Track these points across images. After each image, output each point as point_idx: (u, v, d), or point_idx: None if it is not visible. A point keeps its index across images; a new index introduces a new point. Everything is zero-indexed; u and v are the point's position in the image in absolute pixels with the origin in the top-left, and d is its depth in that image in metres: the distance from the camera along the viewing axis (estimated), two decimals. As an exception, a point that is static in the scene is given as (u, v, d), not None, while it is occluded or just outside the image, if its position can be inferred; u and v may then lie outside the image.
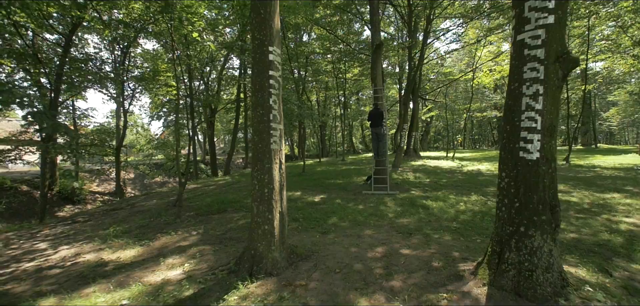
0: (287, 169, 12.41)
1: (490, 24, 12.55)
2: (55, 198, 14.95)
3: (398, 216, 4.87)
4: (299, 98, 20.15)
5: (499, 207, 2.32)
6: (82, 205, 15.09)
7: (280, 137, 3.00)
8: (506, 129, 2.26)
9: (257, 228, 2.84)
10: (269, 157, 2.86)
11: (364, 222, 4.62)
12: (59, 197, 14.97)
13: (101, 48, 13.54)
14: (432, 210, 5.12)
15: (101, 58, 13.22)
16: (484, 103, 25.47)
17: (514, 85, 2.23)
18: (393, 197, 6.32)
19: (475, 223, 4.30)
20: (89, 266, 3.47)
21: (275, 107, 2.95)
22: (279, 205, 2.92)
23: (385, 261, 3.05)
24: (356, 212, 5.20)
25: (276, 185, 2.89)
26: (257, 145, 2.90)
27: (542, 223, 2.07)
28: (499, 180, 2.32)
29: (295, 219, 4.97)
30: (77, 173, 15.36)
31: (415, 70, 13.23)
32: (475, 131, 43.15)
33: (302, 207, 5.82)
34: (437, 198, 5.90)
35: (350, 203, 5.94)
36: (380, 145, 7.62)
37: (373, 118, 7.53)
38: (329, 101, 28.39)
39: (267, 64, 2.92)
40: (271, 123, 2.90)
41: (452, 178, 8.80)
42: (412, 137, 16.03)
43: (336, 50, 17.19)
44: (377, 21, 8.57)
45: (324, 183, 8.67)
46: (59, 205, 14.62)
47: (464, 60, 25.15)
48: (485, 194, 6.34)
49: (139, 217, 6.10)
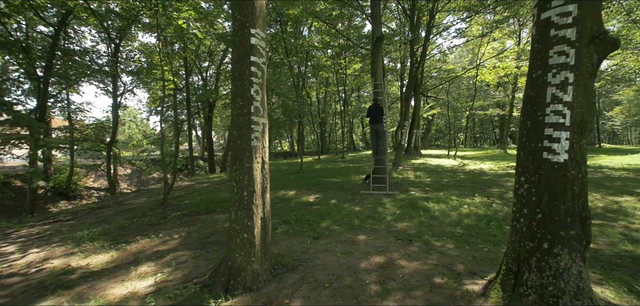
0: (284, 167, 12.05)
1: (496, 17, 12.09)
2: (50, 193, 14.67)
3: (397, 219, 4.52)
4: (299, 95, 19.77)
5: (515, 218, 1.95)
6: (77, 201, 14.81)
7: (262, 132, 2.64)
8: (526, 125, 1.89)
9: (235, 237, 2.49)
10: (249, 155, 2.50)
11: (359, 225, 4.27)
12: (53, 193, 14.70)
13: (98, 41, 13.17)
14: (433, 213, 4.76)
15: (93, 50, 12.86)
16: (487, 101, 25.01)
17: (536, 73, 1.86)
18: (392, 198, 5.97)
19: (480, 229, 3.94)
20: (54, 274, 3.13)
21: (257, 98, 2.58)
22: (260, 210, 2.56)
23: (381, 275, 2.70)
24: (352, 214, 4.84)
25: (257, 188, 2.53)
26: (235, 142, 2.54)
27: (570, 239, 1.70)
28: (517, 185, 1.96)
29: (287, 221, 4.62)
30: (71, 169, 15.03)
31: (418, 66, 12.81)
32: (477, 129, 42.71)
33: (295, 207, 5.47)
34: (439, 200, 5.54)
35: (346, 204, 5.59)
36: (379, 143, 7.24)
37: (372, 114, 7.15)
38: (329, 97, 27.98)
39: (248, 48, 2.55)
40: (252, 116, 2.53)
41: (454, 178, 8.44)
42: (413, 135, 15.65)
43: (336, 46, 16.76)
44: (378, 12, 8.17)
45: (320, 181, 8.32)
46: (53, 200, 14.34)
47: (467, 57, 24.66)
48: (489, 195, 5.97)
49: (123, 216, 5.77)
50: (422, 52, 13.16)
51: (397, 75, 22.51)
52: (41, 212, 11.99)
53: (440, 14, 14.93)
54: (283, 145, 36.32)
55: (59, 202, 14.06)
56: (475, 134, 42.62)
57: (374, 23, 8.20)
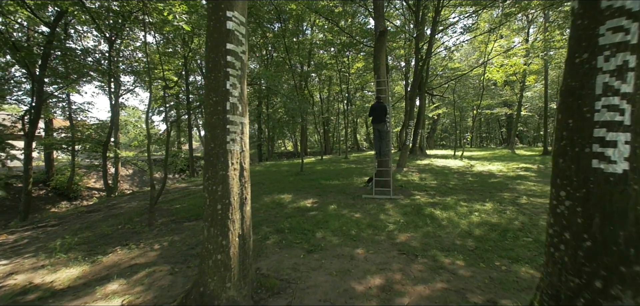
0: (284, 167, 11.63)
1: (505, 10, 11.55)
2: (51, 194, 14.54)
3: (400, 229, 4.09)
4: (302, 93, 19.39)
5: (552, 243, 1.53)
6: (78, 201, 14.66)
7: (241, 133, 2.25)
8: (567, 125, 1.47)
9: (207, 258, 2.10)
10: (223, 161, 2.11)
11: (359, 236, 3.85)
12: (54, 193, 14.57)
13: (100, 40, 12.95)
14: (440, 222, 4.32)
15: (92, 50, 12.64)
16: (494, 100, 24.33)
17: (580, 58, 1.43)
18: (395, 203, 5.54)
19: (494, 242, 3.50)
20: (11, 293, 2.78)
21: (234, 93, 2.19)
22: (237, 225, 2.17)
23: (381, 301, 2.29)
24: (352, 222, 4.43)
25: (234, 199, 2.14)
26: (208, 145, 2.15)
27: (634, 278, 1.28)
28: (554, 202, 1.53)
29: (280, 230, 4.23)
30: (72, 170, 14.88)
31: (423, 63, 12.33)
32: (483, 129, 41.88)
33: (290, 213, 5.08)
34: (446, 206, 5.09)
35: (346, 210, 5.18)
36: (382, 144, 6.82)
37: (375, 113, 6.72)
38: (332, 97, 27.56)
39: (223, 34, 2.16)
40: (228, 114, 2.14)
41: (461, 181, 7.97)
42: (418, 135, 15.15)
43: (338, 43, 16.33)
44: (381, 5, 7.73)
45: (320, 184, 7.92)
46: (53, 201, 14.22)
47: (474, 55, 24.02)
48: (501, 201, 5.51)
49: (109, 222, 5.44)
50: (427, 50, 12.68)
51: (401, 74, 21.99)
52: (40, 213, 11.82)
53: (446, 9, 14.43)
54: (287, 145, 35.98)
55: (59, 203, 13.94)
56: (481, 134, 41.81)
57: (376, 17, 7.77)
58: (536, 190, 6.54)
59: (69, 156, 15.67)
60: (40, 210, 12.87)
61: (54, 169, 15.29)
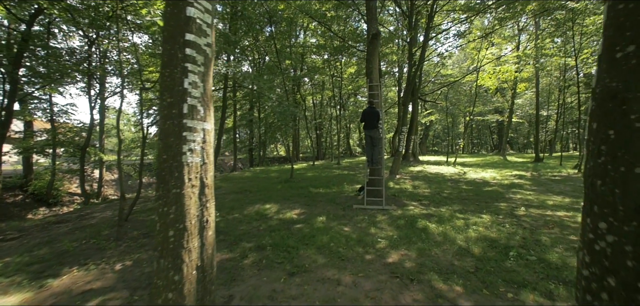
0: (274, 174, 11.19)
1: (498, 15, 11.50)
2: (28, 200, 13.74)
3: (393, 245, 3.74)
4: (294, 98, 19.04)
5: (590, 290, 1.19)
6: (57, 208, 13.89)
7: (203, 141, 1.86)
8: (606, 137, 1.14)
9: (156, 296, 1.70)
10: (178, 177, 1.72)
11: (347, 255, 3.48)
12: (32, 199, 13.78)
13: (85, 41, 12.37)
14: (436, 238, 3.99)
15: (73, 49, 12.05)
16: (486, 107, 24.48)
17: (624, 50, 1.11)
18: (388, 214, 5.20)
19: (496, 262, 3.18)
20: None
21: (194, 94, 1.81)
22: (195, 255, 1.77)
23: (372, 343, 1.92)
24: (340, 237, 4.06)
25: (190, 224, 1.75)
26: (160, 156, 1.76)
27: None
28: (590, 235, 1.20)
29: (261, 247, 3.83)
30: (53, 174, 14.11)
31: (416, 69, 12.16)
32: (474, 135, 42.29)
33: (275, 226, 4.68)
34: (441, 219, 4.78)
35: (334, 222, 4.81)
36: (374, 151, 6.49)
37: (367, 119, 6.40)
38: (325, 102, 27.30)
39: (182, 22, 1.79)
40: (185, 119, 1.76)
41: (455, 189, 7.71)
42: (411, 141, 14.95)
43: (330, 47, 16.11)
44: (373, 7, 7.47)
45: (310, 192, 7.53)
46: (32, 207, 13.41)
47: (466, 62, 24.18)
48: (497, 212, 5.24)
49: (75, 235, 4.93)
50: (420, 56, 12.53)
51: (394, 80, 21.92)
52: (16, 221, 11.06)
53: (438, 16, 14.36)
54: (279, 150, 35.48)
55: (37, 210, 13.16)
56: (473, 140, 42.19)
57: (369, 19, 7.51)
58: (533, 199, 6.31)
59: (48, 160, 14.95)
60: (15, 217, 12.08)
61: (34, 174, 14.51)
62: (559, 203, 5.85)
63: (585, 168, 1.26)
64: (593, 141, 1.21)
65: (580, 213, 4.65)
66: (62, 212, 12.69)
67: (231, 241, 4.15)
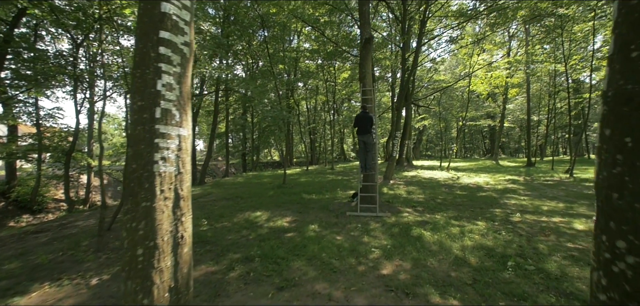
0: (266, 179, 10.97)
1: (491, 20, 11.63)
2: (11, 207, 13.22)
3: (387, 255, 3.60)
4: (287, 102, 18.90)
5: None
6: (42, 215, 13.39)
7: (178, 149, 1.69)
8: (622, 145, 1.02)
9: (122, 322, 1.51)
10: (149, 188, 1.55)
11: (339, 267, 3.32)
12: (15, 206, 13.26)
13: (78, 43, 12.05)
14: (431, 247, 3.86)
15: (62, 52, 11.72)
16: (479, 112, 24.74)
17: (635, 41, 1.00)
18: (382, 221, 5.07)
19: (494, 273, 3.06)
20: None
21: (168, 96, 1.65)
22: (168, 276, 1.59)
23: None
24: (333, 247, 3.90)
25: (162, 241, 1.57)
26: (129, 165, 1.58)
27: None
28: (606, 254, 1.07)
29: (249, 258, 3.64)
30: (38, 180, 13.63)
31: (409, 74, 12.18)
32: (467, 140, 42.75)
33: (265, 236, 4.49)
34: (436, 226, 4.66)
35: (327, 231, 4.64)
36: (368, 157, 6.37)
37: (360, 124, 6.29)
38: (319, 107, 27.24)
39: (156, 18, 1.63)
40: (157, 124, 1.59)
41: (449, 195, 7.64)
42: (404, 146, 14.93)
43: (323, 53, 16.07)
44: (366, 12, 7.42)
45: (302, 199, 7.36)
46: (14, 215, 12.89)
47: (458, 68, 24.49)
48: (493, 219, 5.15)
49: (52, 246, 4.66)
50: (413, 61, 12.56)
51: (388, 85, 22.00)
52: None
53: (431, 21, 14.47)
54: (273, 154, 35.18)
55: (21, 217, 12.65)
56: (465, 144, 42.63)
57: (362, 24, 7.44)
58: (527, 205, 6.26)
59: (33, 166, 14.45)
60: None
61: (17, 180, 14.01)
62: (553, 209, 5.81)
63: (598, 179, 1.14)
64: (606, 149, 1.09)
65: (575, 220, 4.59)
66: (47, 219, 12.23)
67: (218, 252, 3.95)
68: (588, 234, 4.20)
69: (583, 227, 4.53)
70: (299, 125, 23.37)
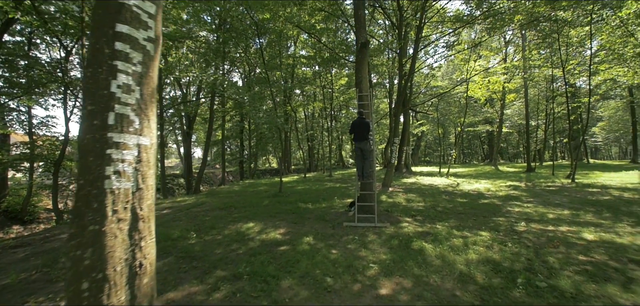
0: (263, 188, 10.66)
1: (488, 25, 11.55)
2: (1, 217, 12.86)
3: (386, 271, 3.33)
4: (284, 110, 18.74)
5: None
6: (33, 225, 13.02)
7: (138, 161, 1.44)
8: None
9: None
10: (98, 209, 1.29)
11: (334, 286, 3.04)
12: (5, 217, 12.89)
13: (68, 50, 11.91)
14: (433, 261, 3.60)
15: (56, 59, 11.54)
16: (477, 117, 24.66)
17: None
18: (380, 233, 4.80)
19: (503, 291, 2.80)
20: None
21: (126, 100, 1.40)
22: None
23: None
24: (327, 262, 3.62)
25: (113, 272, 1.31)
26: (77, 181, 1.33)
27: None
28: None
29: (237, 276, 3.36)
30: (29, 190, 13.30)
31: (406, 80, 12.05)
32: (465, 145, 42.70)
33: (255, 250, 4.21)
34: (438, 238, 4.40)
35: (322, 244, 4.37)
36: (365, 164, 6.13)
37: (357, 130, 6.06)
38: (317, 114, 27.10)
39: (113, 8, 1.40)
40: (110, 132, 1.35)
41: (450, 202, 7.38)
42: (403, 152, 14.71)
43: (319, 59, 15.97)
44: (362, 16, 7.27)
45: (298, 208, 7.08)
46: (4, 225, 12.52)
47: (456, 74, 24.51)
48: (497, 228, 4.90)
49: (30, 262, 4.35)
50: (410, 67, 12.45)
51: (386, 92, 21.90)
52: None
53: (428, 27, 14.41)
54: (271, 162, 34.86)
55: (10, 228, 12.28)
56: (464, 150, 42.57)
57: (358, 28, 7.29)
58: (531, 213, 6.02)
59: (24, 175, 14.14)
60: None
61: (8, 189, 13.68)
62: (559, 217, 5.57)
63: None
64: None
65: (584, 229, 4.32)
66: (39, 229, 11.86)
67: (204, 268, 3.66)
68: (600, 245, 3.95)
69: (593, 236, 4.28)
70: (296, 132, 23.16)
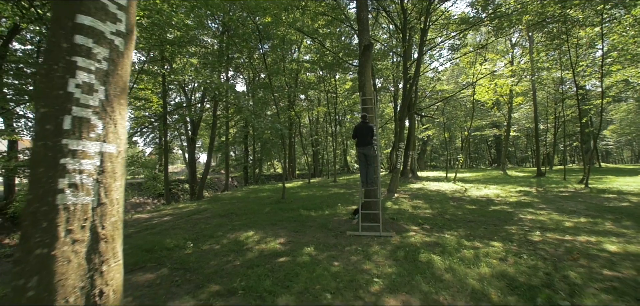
0: (265, 194, 10.47)
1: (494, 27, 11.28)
2: (8, 223, 12.95)
3: (391, 288, 3.07)
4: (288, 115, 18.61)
5: None
6: None
7: (100, 171, 1.25)
8: None
9: None
10: (47, 229, 1.10)
11: (334, 304, 2.80)
12: (12, 222, 12.99)
13: None
14: (443, 275, 3.33)
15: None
16: (484, 121, 24.18)
17: None
18: (385, 243, 4.54)
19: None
20: None
21: (87, 102, 1.22)
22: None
23: None
24: (328, 276, 3.38)
25: (66, 303, 1.11)
26: (26, 196, 1.14)
27: None
28: None
29: (231, 291, 3.14)
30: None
31: (411, 84, 11.81)
32: (472, 150, 41.99)
33: (252, 261, 3.99)
34: (446, 249, 4.12)
35: (323, 255, 4.13)
36: (369, 170, 5.89)
37: (360, 135, 5.84)
38: (322, 118, 26.97)
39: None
40: (65, 138, 1.16)
41: (458, 209, 7.08)
42: (408, 157, 14.41)
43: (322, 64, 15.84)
44: (365, 19, 7.09)
45: (300, 216, 6.86)
46: (10, 231, 12.58)
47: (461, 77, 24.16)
48: (510, 238, 4.60)
49: (20, 274, 4.20)
50: (415, 71, 12.22)
51: (390, 96, 21.67)
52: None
53: (432, 31, 14.19)
54: (276, 167, 34.71)
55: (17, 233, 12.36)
56: (470, 154, 41.86)
57: (361, 30, 7.11)
58: (546, 220, 5.69)
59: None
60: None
61: (15, 195, 13.81)
62: (576, 225, 5.23)
63: None
64: None
65: (605, 238, 3.98)
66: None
67: (198, 282, 3.46)
68: (625, 258, 3.63)
69: (617, 248, 3.96)
70: (300, 137, 23.00)
